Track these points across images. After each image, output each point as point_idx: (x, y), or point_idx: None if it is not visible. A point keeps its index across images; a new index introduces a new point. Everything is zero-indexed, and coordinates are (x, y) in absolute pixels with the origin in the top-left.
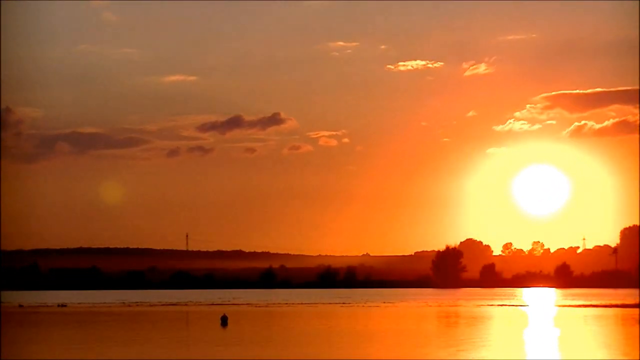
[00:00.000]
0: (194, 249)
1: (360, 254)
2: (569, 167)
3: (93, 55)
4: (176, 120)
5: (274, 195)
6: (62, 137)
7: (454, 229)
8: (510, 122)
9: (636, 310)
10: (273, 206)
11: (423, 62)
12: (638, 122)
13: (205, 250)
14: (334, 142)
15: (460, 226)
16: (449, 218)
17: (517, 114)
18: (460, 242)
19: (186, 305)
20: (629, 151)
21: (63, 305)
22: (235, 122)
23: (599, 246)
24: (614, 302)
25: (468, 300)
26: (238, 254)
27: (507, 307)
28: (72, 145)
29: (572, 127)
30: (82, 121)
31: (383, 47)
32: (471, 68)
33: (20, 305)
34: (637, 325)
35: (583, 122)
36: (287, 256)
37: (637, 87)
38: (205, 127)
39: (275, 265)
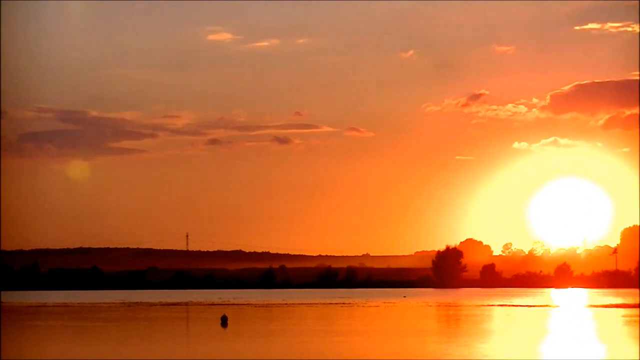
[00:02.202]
0: (194, 249)
1: (360, 254)
2: (603, 177)
3: (91, 51)
4: (176, 118)
5: (274, 195)
6: (62, 135)
7: (454, 229)
8: (536, 111)
9: (636, 310)
10: (273, 206)
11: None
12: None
13: (205, 250)
14: (336, 140)
15: (460, 226)
16: (449, 218)
17: (543, 102)
18: (460, 242)
19: (186, 305)
20: None
21: None
22: (236, 120)
23: (599, 246)
24: (614, 303)
25: (468, 299)
26: (238, 254)
27: (507, 306)
28: (70, 144)
29: (607, 116)
30: (80, 118)
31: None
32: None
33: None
34: (638, 325)
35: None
36: (287, 256)
37: None
38: (206, 126)
39: (275, 265)
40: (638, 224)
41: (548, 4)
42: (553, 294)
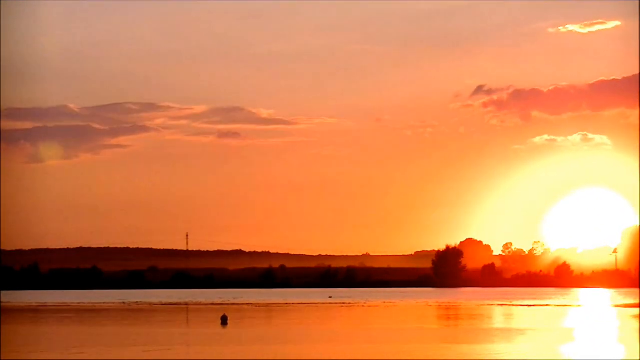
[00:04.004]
0: (194, 249)
1: (361, 254)
2: (620, 177)
3: (92, 47)
4: (175, 115)
5: (274, 195)
6: (61, 133)
7: (454, 228)
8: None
9: (636, 310)
10: (273, 205)
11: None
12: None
13: (205, 250)
14: (334, 138)
15: (460, 226)
16: (449, 217)
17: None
18: (460, 242)
19: (186, 305)
20: None
21: None
22: (234, 117)
23: (599, 246)
24: (614, 302)
25: (468, 299)
26: (238, 254)
27: (506, 306)
28: (70, 141)
29: None
30: (78, 117)
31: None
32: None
33: None
34: (638, 325)
35: None
36: (287, 256)
37: None
38: (203, 123)
39: (275, 265)
40: (638, 224)
41: None
42: (553, 294)
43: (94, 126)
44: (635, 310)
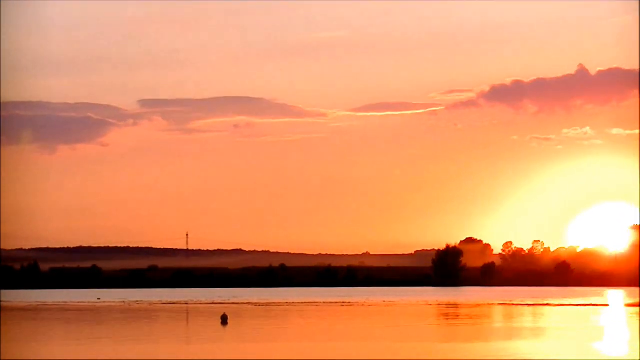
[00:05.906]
0: (194, 248)
1: (361, 253)
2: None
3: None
4: (174, 114)
5: (274, 193)
6: (61, 130)
7: (454, 227)
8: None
9: (636, 309)
10: (273, 204)
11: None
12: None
13: (205, 249)
14: (333, 136)
15: (461, 225)
16: (449, 217)
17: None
18: (460, 241)
19: (186, 304)
20: None
21: None
22: (231, 115)
23: (599, 245)
24: (614, 302)
25: (468, 298)
26: (238, 253)
27: (506, 305)
28: (69, 139)
29: None
30: (78, 114)
31: None
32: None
33: None
34: (638, 325)
35: None
36: (287, 255)
37: None
38: (201, 120)
39: (275, 264)
40: (638, 224)
41: None
42: (553, 293)
43: (94, 124)
44: (635, 309)
